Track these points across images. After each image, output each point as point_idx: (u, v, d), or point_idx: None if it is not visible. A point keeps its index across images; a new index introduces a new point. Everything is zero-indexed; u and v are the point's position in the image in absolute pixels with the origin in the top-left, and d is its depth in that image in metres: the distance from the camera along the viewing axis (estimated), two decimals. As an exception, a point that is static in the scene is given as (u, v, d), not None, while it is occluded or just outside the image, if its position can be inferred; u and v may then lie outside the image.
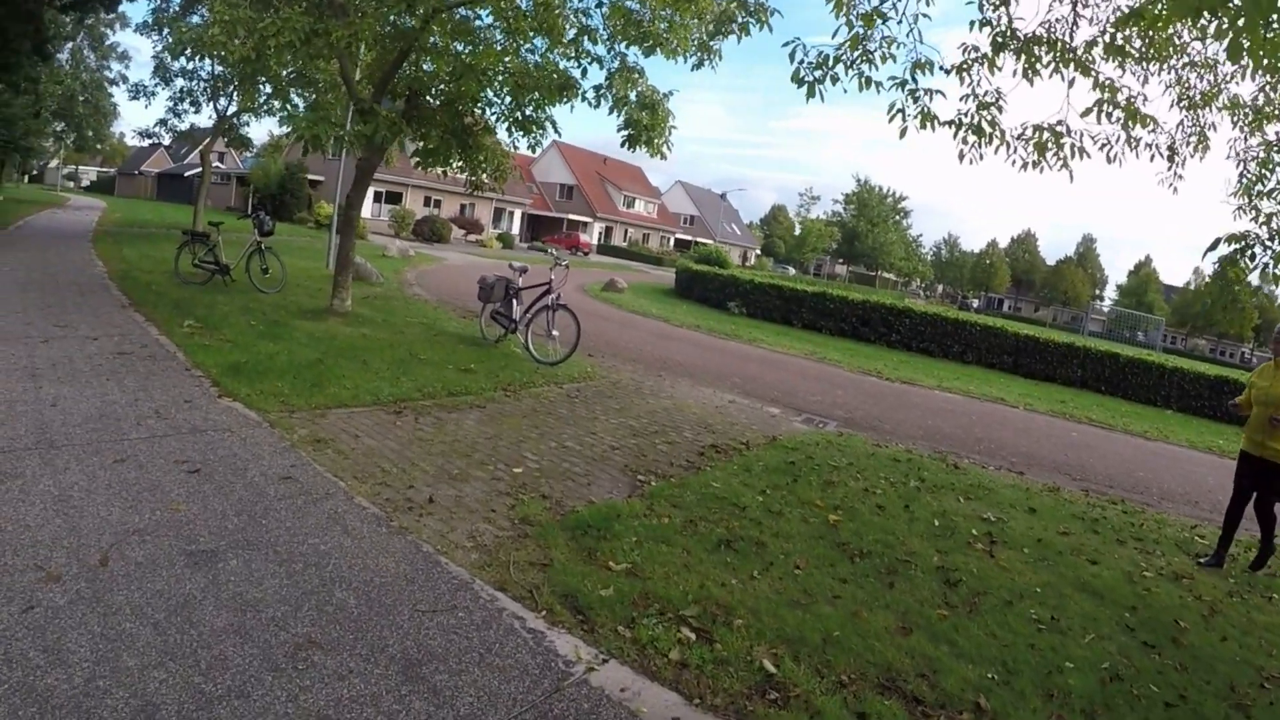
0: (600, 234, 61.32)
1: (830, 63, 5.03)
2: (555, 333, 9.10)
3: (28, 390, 5.80)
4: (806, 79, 4.95)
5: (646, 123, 8.89)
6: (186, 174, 56.74)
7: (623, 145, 9.18)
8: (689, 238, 69.79)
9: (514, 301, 9.65)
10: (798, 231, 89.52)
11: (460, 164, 10.71)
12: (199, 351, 7.65)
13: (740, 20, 7.20)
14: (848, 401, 10.03)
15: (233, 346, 8.03)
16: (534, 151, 10.56)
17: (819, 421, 8.36)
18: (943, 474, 7.13)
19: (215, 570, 3.45)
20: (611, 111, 9.01)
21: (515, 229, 53.12)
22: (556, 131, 9.97)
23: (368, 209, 39.13)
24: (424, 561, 3.73)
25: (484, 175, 10.78)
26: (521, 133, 9.84)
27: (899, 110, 5.11)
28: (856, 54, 5.07)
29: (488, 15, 9.86)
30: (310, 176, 40.84)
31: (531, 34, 9.09)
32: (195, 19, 11.45)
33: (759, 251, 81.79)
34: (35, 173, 69.80)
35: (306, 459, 4.98)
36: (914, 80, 5.09)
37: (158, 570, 3.40)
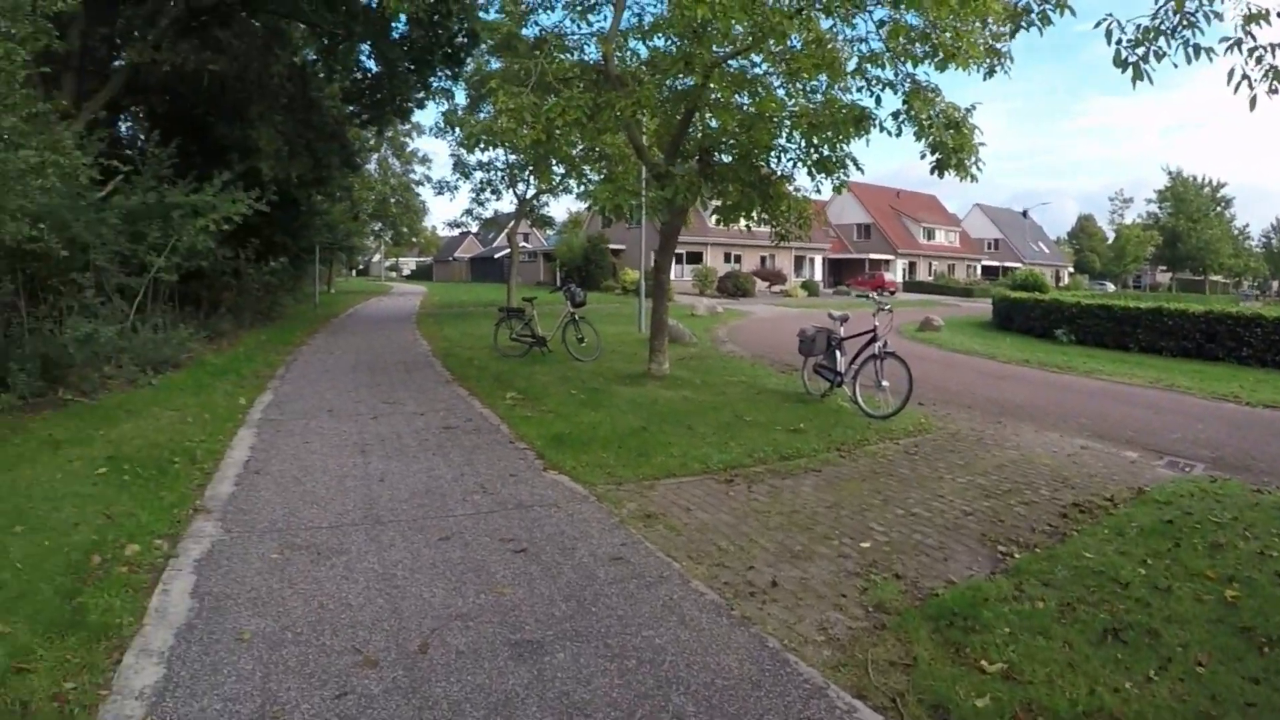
0: (903, 270, 69.30)
1: (1152, 36, 5.42)
2: (885, 383, 9.95)
3: (357, 465, 7.03)
4: (1129, 59, 5.36)
5: (953, 144, 9.80)
6: (496, 255, 70.88)
7: (931, 172, 10.09)
8: (995, 263, 78.28)
9: (837, 353, 10.71)
10: (1110, 241, 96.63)
11: (763, 216, 12.18)
12: (522, 423, 8.84)
13: (1038, 10, 7.64)
14: (1210, 436, 10.01)
15: (555, 417, 9.25)
16: (839, 192, 11.84)
17: (1183, 464, 8.47)
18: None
19: (541, 664, 3.66)
20: (917, 138, 10.05)
21: (817, 275, 61.60)
22: (858, 168, 11.16)
23: (672, 271, 43.25)
24: (770, 660, 3.79)
25: (788, 224, 12.39)
26: (823, 174, 11.16)
27: (1243, 77, 5.31)
28: (1177, 19, 5.41)
29: (762, 62, 11.43)
30: (612, 246, 50.81)
31: (809, 73, 10.38)
32: (483, 115, 14.62)
33: (1071, 269, 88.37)
34: (362, 267, 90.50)
35: (637, 536, 5.44)
36: (1251, 36, 5.30)
37: (480, 661, 3.68)
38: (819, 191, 11.68)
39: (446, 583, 4.57)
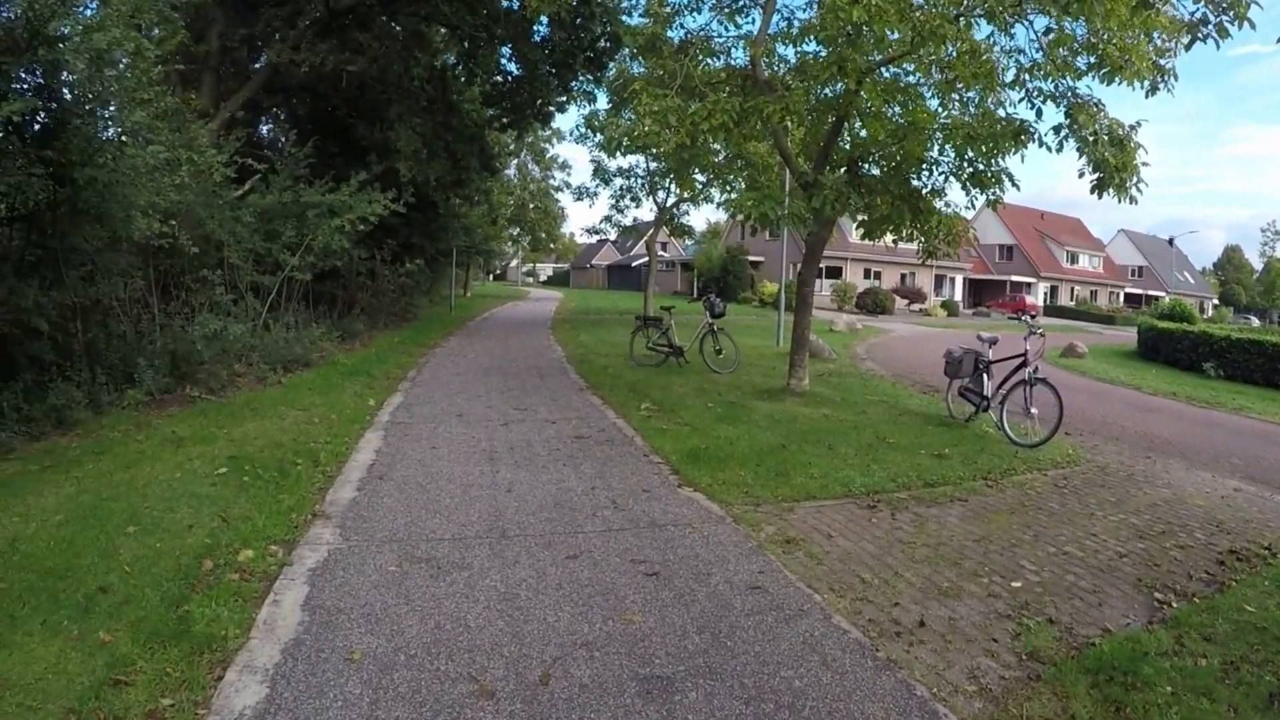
0: (1045, 294, 70.62)
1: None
2: (1034, 410, 9.86)
3: (484, 474, 6.90)
4: None
5: (1115, 162, 9.66)
6: (633, 264, 72.97)
7: (1091, 191, 9.98)
8: (1139, 291, 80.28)
9: (984, 376, 10.74)
10: (1258, 274, 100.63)
11: (912, 231, 12.13)
12: (656, 436, 8.61)
13: (1215, 21, 7.47)
14: (1364, 485, 9.61)
15: (691, 431, 9.02)
16: (994, 208, 11.62)
17: (1339, 514, 8.24)
18: None
19: (671, 703, 3.45)
20: (1079, 154, 9.89)
21: (957, 295, 62.36)
22: (1014, 184, 10.99)
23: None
24: (918, 710, 3.65)
25: (936, 241, 12.29)
26: (978, 189, 11.07)
27: None
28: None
29: (915, 70, 11.59)
30: (751, 258, 52.48)
31: (966, 83, 10.43)
32: (625, 119, 14.74)
33: (1216, 301, 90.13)
34: (499, 271, 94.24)
35: (776, 563, 5.25)
36: None
37: (605, 696, 3.47)
38: (972, 207, 11.66)
39: (573, 606, 4.33)
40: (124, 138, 8.96)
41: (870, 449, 8.70)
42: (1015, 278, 68.58)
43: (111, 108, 8.52)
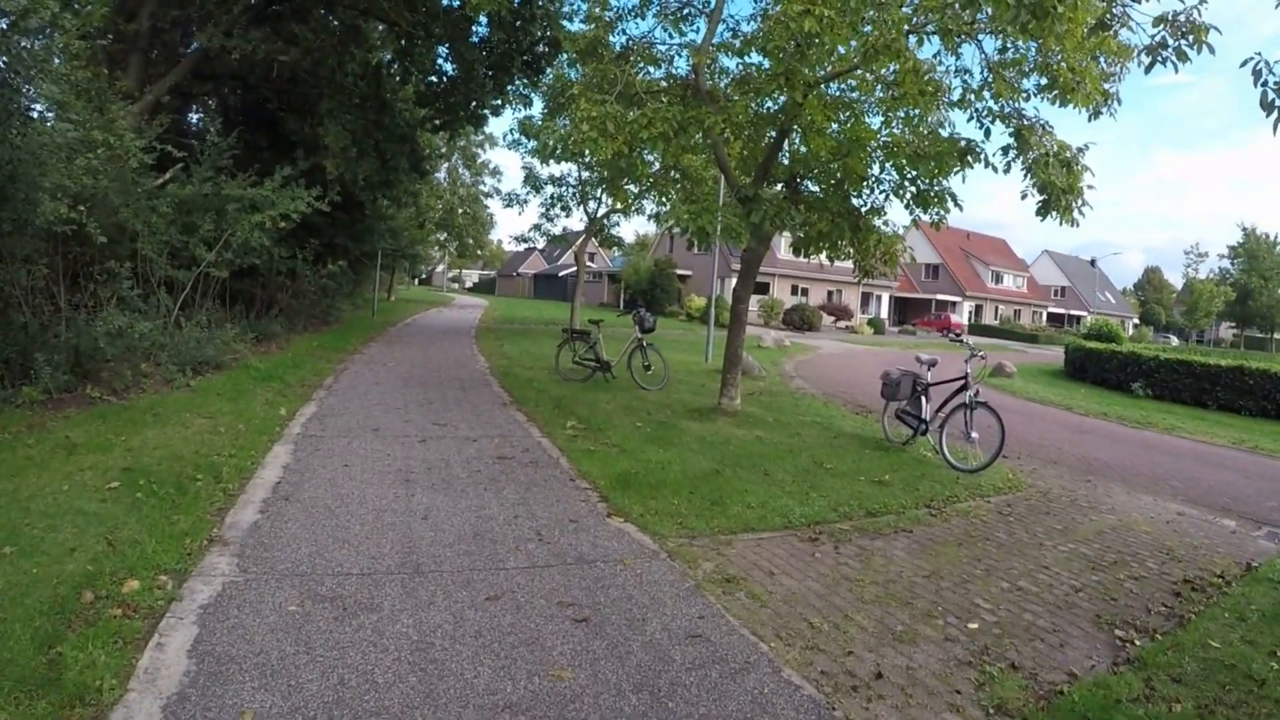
0: (970, 313, 72.25)
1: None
2: (974, 435, 9.84)
3: (399, 498, 6.43)
4: (1276, 102, 5.18)
5: (1061, 184, 9.67)
6: (560, 274, 72.68)
7: (1037, 213, 9.98)
8: (1061, 310, 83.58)
9: (923, 399, 10.69)
10: (1177, 294, 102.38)
11: (848, 249, 12.03)
12: (584, 458, 8.23)
13: (1173, 46, 7.50)
14: (1301, 504, 9.85)
15: (620, 453, 8.66)
16: (937, 228, 11.59)
17: (1280, 535, 8.45)
18: None
19: None
20: (1026, 176, 9.84)
21: (884, 313, 62.92)
22: (958, 205, 10.90)
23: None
24: None
25: (873, 260, 12.28)
26: (920, 209, 10.99)
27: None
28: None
29: (859, 87, 11.46)
30: (679, 271, 52.38)
31: (913, 101, 10.18)
32: (562, 125, 14.52)
33: (1137, 320, 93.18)
34: (424, 276, 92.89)
35: (716, 606, 4.91)
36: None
37: None
38: (933, 225, 11.34)
39: (494, 659, 3.92)
40: (31, 112, 8.22)
41: (808, 475, 8.49)
42: (941, 296, 70.43)
43: (20, 77, 7.77)
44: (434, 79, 21.57)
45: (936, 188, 10.77)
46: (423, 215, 43.09)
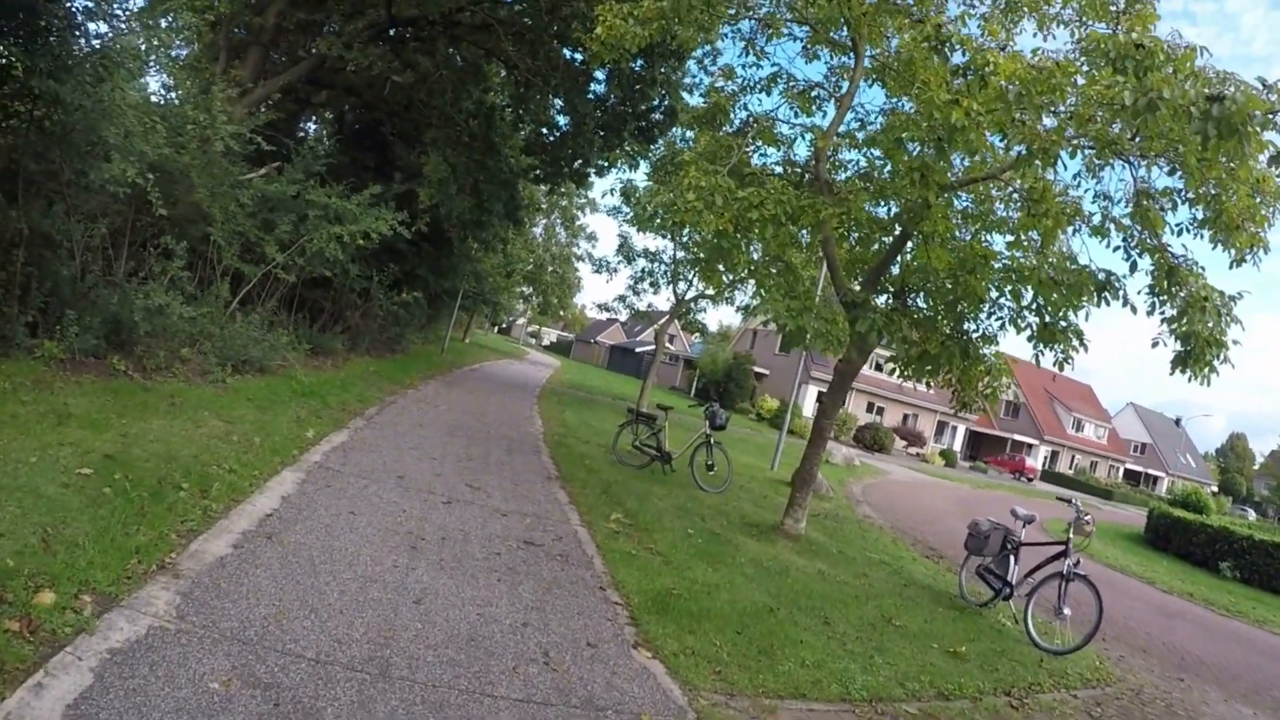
0: (1045, 458, 68.37)
1: None
2: (1066, 611, 8.95)
3: (396, 568, 5.43)
4: None
5: (1206, 335, 8.54)
6: (637, 349, 72.18)
7: (1173, 366, 8.74)
8: (1139, 469, 78.81)
9: (1011, 559, 9.78)
10: (1259, 466, 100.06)
11: (953, 376, 10.99)
12: (621, 562, 7.12)
13: None
14: None
15: (663, 563, 7.54)
16: (1062, 368, 10.37)
17: None
18: None
19: None
20: (1170, 321, 8.72)
21: (957, 445, 60.92)
22: (1083, 345, 9.64)
23: (808, 408, 46.77)
24: None
25: (974, 394, 11.23)
26: (1043, 344, 9.77)
27: None
28: None
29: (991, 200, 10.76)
30: (756, 369, 51.24)
31: (1056, 222, 9.48)
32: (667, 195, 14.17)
33: (1215, 488, 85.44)
34: (505, 326, 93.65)
35: None
36: None
37: None
38: (1057, 365, 10.21)
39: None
40: (103, 63, 7.75)
41: (874, 630, 7.38)
42: (1018, 436, 67.09)
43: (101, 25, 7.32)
44: (545, 130, 21.44)
45: (1064, 323, 9.65)
46: (511, 265, 43.05)
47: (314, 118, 26.01)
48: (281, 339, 12.65)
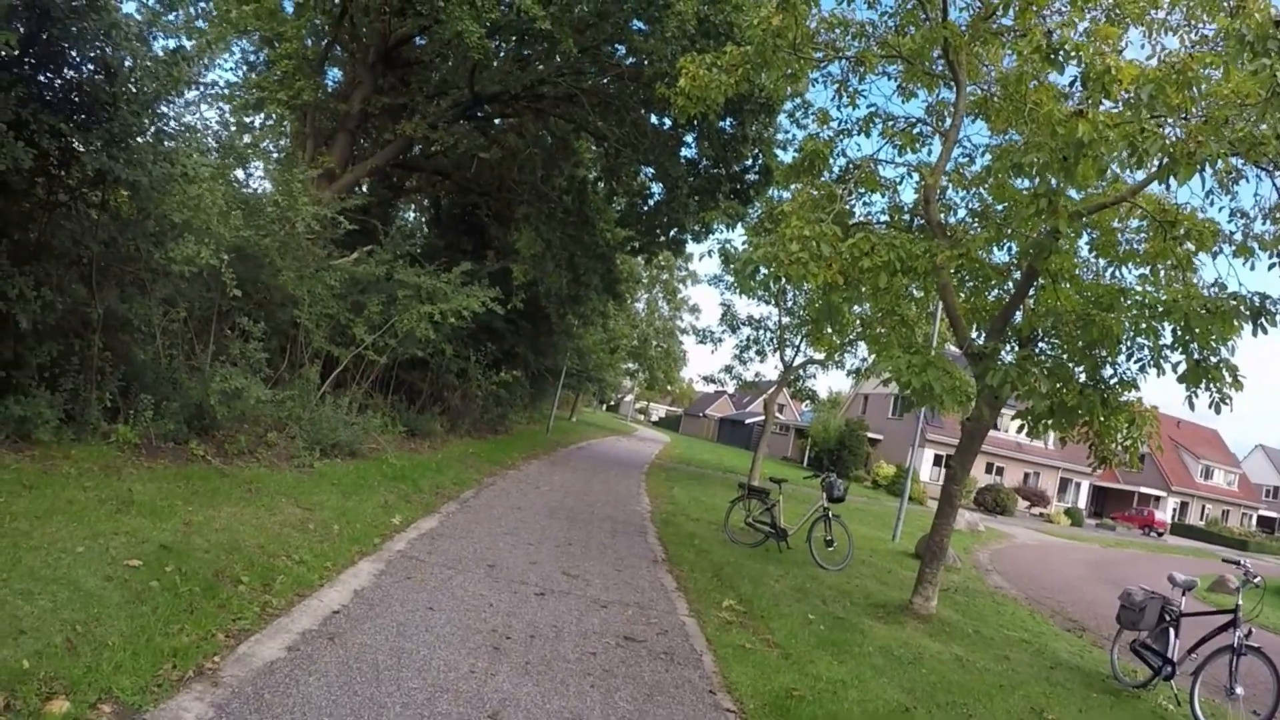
0: (1174, 510, 64.66)
1: None
2: (1239, 690, 7.76)
3: (473, 675, 4.67)
4: None
5: None
6: (747, 421, 71.35)
7: None
8: (1274, 514, 73.71)
9: (1171, 632, 8.65)
10: None
11: (1091, 428, 9.83)
12: (734, 658, 6.22)
13: None
14: None
15: (781, 657, 6.61)
16: (1219, 411, 9.00)
17: None
18: None
19: None
20: None
21: (1081, 502, 57.88)
22: (1237, 382, 8.35)
23: (926, 472, 45.62)
24: None
25: (1114, 448, 10.03)
26: (1196, 385, 8.49)
27: None
28: None
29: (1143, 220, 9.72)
30: (870, 435, 50.05)
31: (1202, 242, 8.64)
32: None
33: None
34: (613, 403, 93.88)
35: None
36: None
37: None
38: (1213, 408, 8.86)
39: None
40: (165, 132, 7.56)
41: (1025, 727, 6.05)
42: (1145, 489, 62.97)
43: (150, 88, 7.10)
44: (638, 199, 21.32)
45: (1215, 357, 8.46)
46: (614, 340, 43.03)
47: (412, 207, 26.60)
48: (373, 421, 12.33)
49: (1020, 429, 10.12)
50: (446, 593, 6.33)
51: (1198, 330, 8.16)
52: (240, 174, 10.92)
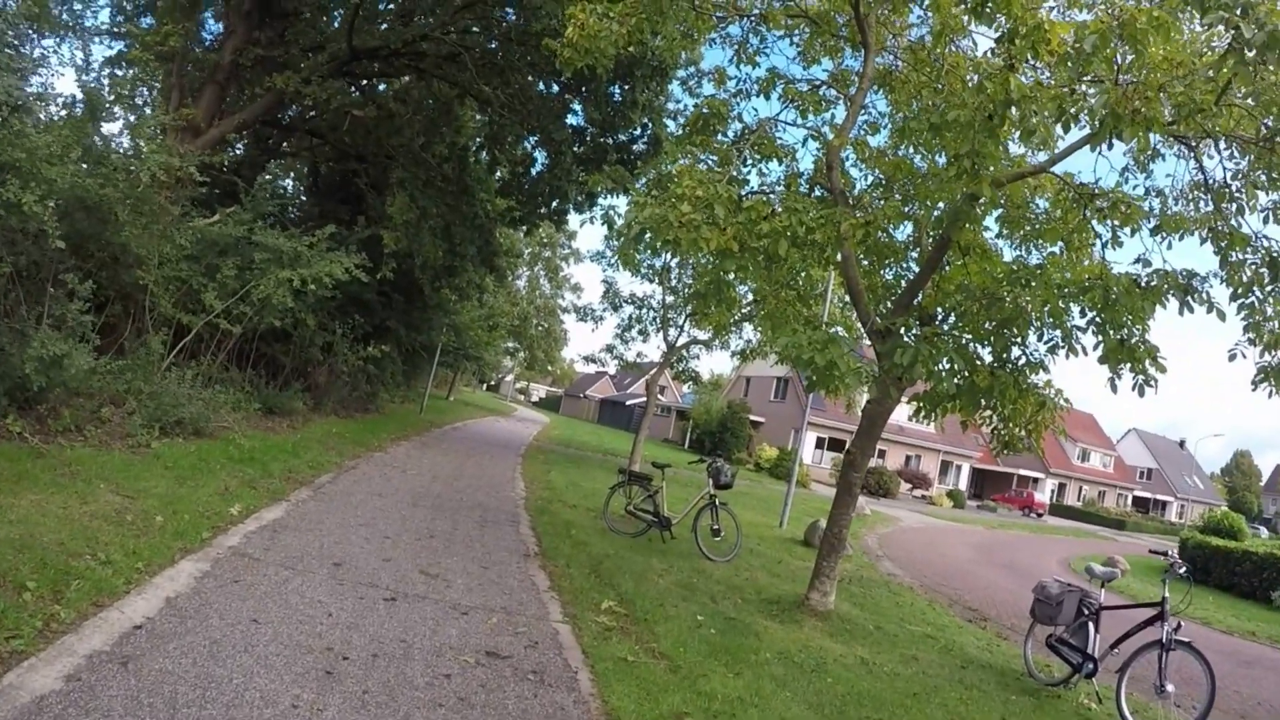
0: (1052, 491, 67.62)
1: None
2: (1169, 688, 7.62)
3: (296, 709, 3.89)
4: None
5: None
6: (628, 402, 71.09)
7: (1254, 381, 8.37)
8: (1147, 495, 77.89)
9: (1090, 627, 8.47)
10: (1265, 482, 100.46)
11: (998, 412, 9.72)
12: (615, 676, 5.54)
13: None
14: None
15: (669, 670, 5.96)
16: (1142, 394, 8.92)
17: None
18: None
19: None
20: (1253, 328, 8.12)
21: (963, 484, 59.56)
22: (1158, 365, 8.30)
23: (808, 455, 46.20)
24: None
25: (1019, 429, 9.99)
26: (1119, 366, 8.42)
27: None
28: None
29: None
30: (752, 417, 49.98)
31: (1128, 218, 8.61)
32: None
33: (1225, 507, 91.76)
34: (493, 383, 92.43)
35: None
36: None
37: None
38: (1137, 391, 8.75)
39: None
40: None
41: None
42: (1023, 471, 65.18)
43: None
44: (520, 170, 20.62)
45: (1136, 337, 8.34)
46: (493, 318, 42.15)
47: (291, 174, 25.10)
48: (220, 396, 11.25)
49: (917, 412, 9.88)
50: (278, 600, 5.51)
51: (1120, 309, 8.02)
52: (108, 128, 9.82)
